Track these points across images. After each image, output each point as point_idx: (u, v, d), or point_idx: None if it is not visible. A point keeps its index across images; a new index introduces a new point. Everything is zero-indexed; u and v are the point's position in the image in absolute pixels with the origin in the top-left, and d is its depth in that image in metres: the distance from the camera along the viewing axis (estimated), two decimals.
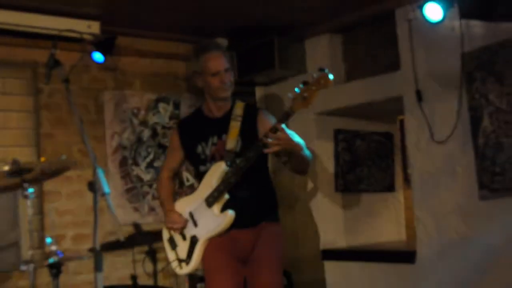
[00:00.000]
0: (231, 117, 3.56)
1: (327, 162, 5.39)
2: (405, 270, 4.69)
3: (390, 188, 5.82)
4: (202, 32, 5.29)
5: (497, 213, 4.13)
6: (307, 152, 3.41)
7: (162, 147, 5.33)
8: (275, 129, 3.20)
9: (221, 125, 3.56)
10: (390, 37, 4.87)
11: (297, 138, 3.29)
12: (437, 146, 4.46)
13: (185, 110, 5.48)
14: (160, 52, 5.40)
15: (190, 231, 3.59)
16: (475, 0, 3.82)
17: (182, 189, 5.39)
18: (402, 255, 4.80)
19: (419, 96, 4.54)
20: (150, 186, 5.25)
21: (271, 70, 5.26)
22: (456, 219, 4.36)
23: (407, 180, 6.10)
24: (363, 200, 5.63)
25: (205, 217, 3.51)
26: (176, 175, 3.96)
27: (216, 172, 3.48)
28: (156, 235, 5.16)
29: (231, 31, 5.32)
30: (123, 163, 5.14)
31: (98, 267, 2.72)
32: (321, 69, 3.19)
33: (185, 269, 3.61)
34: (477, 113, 4.18)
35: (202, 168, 3.58)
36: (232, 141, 3.50)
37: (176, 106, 5.47)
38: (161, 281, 5.16)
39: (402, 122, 6.05)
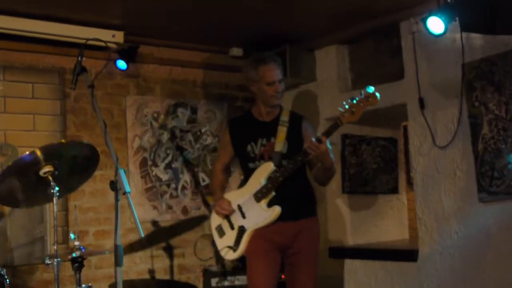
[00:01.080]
0: (279, 122, 3.85)
1: (335, 165, 5.36)
2: (408, 268, 4.67)
3: (394, 190, 5.79)
4: (218, 42, 5.32)
5: (495, 215, 4.12)
6: (333, 169, 3.71)
7: (180, 149, 5.35)
8: (319, 140, 3.49)
9: (270, 129, 3.85)
10: (395, 48, 4.87)
11: (331, 155, 3.58)
12: (438, 151, 4.45)
13: (202, 115, 5.50)
14: (179, 60, 5.42)
15: (238, 221, 3.84)
16: (476, 14, 3.81)
17: (197, 189, 5.40)
18: (405, 254, 4.77)
19: (422, 103, 4.54)
20: (168, 185, 5.26)
21: (284, 78, 5.26)
22: (456, 220, 4.35)
23: (410, 182, 6.07)
24: (368, 202, 5.61)
25: (253, 210, 3.77)
26: (228, 168, 4.23)
27: (265, 171, 3.75)
28: (173, 232, 5.22)
29: (245, 41, 5.33)
30: (143, 164, 5.16)
31: (118, 262, 2.74)
32: (369, 88, 3.46)
33: (233, 255, 3.87)
34: (477, 120, 4.17)
35: (251, 165, 3.86)
36: (280, 143, 3.79)
37: (194, 111, 5.48)
38: (177, 276, 5.18)
39: (405, 128, 6.04)
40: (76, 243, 3.62)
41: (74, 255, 3.55)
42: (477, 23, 3.85)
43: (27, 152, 3.29)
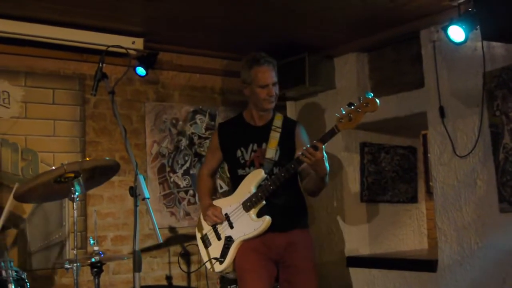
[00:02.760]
0: (271, 127, 3.61)
1: (353, 174, 5.36)
2: (427, 278, 4.64)
3: (413, 199, 5.76)
4: (237, 49, 5.33)
5: None
6: (326, 179, 3.45)
7: (198, 156, 5.37)
8: (315, 147, 3.24)
9: (261, 134, 3.61)
10: (415, 56, 4.86)
11: (326, 163, 3.32)
12: (459, 160, 4.42)
13: (220, 121, 5.50)
14: (198, 67, 5.45)
15: (225, 231, 3.61)
16: (497, 23, 3.80)
17: (215, 196, 5.41)
18: (424, 264, 4.74)
19: (442, 112, 4.52)
20: (186, 192, 5.28)
21: (302, 86, 5.27)
22: (476, 230, 4.31)
23: (429, 192, 6.04)
24: (386, 211, 5.58)
25: (241, 220, 3.54)
26: (215, 174, 3.99)
27: (255, 178, 3.52)
28: (191, 239, 5.23)
29: (264, 48, 5.30)
30: (161, 170, 5.18)
31: (137, 268, 2.74)
32: (368, 93, 3.24)
33: (218, 268, 3.63)
34: (498, 129, 4.14)
35: (240, 171, 3.63)
36: (271, 150, 3.55)
37: (212, 117, 5.50)
38: (194, 283, 5.19)
39: (424, 136, 6.02)
40: (95, 248, 3.64)
41: (93, 260, 3.58)
42: (498, 32, 3.84)
43: (54, 167, 3.35)
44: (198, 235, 3.80)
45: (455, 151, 4.44)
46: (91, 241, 3.71)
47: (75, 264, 3.35)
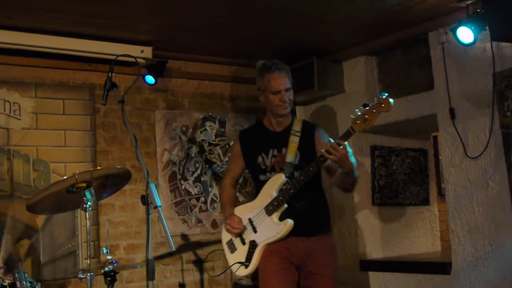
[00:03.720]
0: (290, 132, 3.65)
1: (365, 177, 5.35)
2: (441, 280, 4.61)
3: (425, 201, 5.74)
4: (245, 55, 5.35)
5: None
6: (355, 173, 3.46)
7: (209, 163, 5.37)
8: (338, 144, 3.28)
9: (281, 139, 3.66)
10: (424, 58, 4.85)
11: (352, 158, 3.35)
12: (470, 161, 4.40)
13: (230, 128, 5.53)
14: (207, 74, 5.46)
15: (249, 236, 3.68)
16: (505, 23, 3.78)
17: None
18: (438, 266, 4.71)
19: (452, 114, 4.50)
20: (198, 199, 5.29)
21: (311, 90, 5.27)
22: (489, 231, 4.29)
23: (441, 194, 6.02)
24: (399, 213, 5.57)
25: (264, 224, 3.60)
26: (237, 182, 4.06)
27: (276, 183, 3.57)
28: (203, 246, 5.23)
29: (272, 54, 5.32)
30: (172, 177, 5.19)
31: (150, 276, 2.75)
32: (382, 94, 3.26)
33: (244, 272, 3.69)
34: (509, 130, 4.12)
35: (262, 177, 3.68)
36: (291, 154, 3.59)
37: (222, 124, 5.51)
38: None
39: (435, 138, 6.00)
40: (108, 257, 3.65)
41: (106, 269, 3.58)
42: (507, 32, 3.83)
43: (66, 176, 3.37)
44: (224, 241, 3.84)
45: (466, 152, 4.42)
46: (104, 250, 3.71)
47: (88, 274, 3.35)
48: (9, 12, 4.00)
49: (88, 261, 3.39)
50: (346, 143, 3.30)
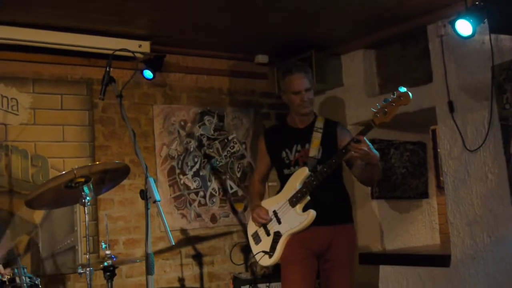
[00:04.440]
0: (313, 129, 3.83)
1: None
2: (440, 273, 4.62)
3: (424, 194, 5.74)
4: (243, 49, 5.34)
5: None
6: (379, 165, 3.63)
7: (208, 157, 5.36)
8: (357, 140, 3.44)
9: (304, 136, 3.84)
10: (422, 52, 4.84)
11: (374, 150, 3.51)
12: (469, 154, 4.40)
13: (228, 122, 5.52)
14: (205, 69, 5.45)
15: (274, 227, 3.82)
16: (504, 15, 3.78)
17: (226, 196, 5.41)
18: (437, 259, 4.72)
19: (451, 107, 4.50)
20: (197, 193, 5.28)
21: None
22: (488, 223, 4.30)
23: (440, 187, 6.02)
24: (398, 207, 5.56)
25: (288, 215, 3.75)
26: (266, 178, 4.20)
27: (300, 176, 3.73)
28: (202, 240, 5.24)
29: (271, 48, 5.35)
30: (171, 172, 5.18)
31: (149, 271, 2.74)
32: (401, 88, 3.41)
33: (268, 261, 3.84)
34: (508, 122, 4.12)
35: (286, 171, 3.86)
36: (314, 149, 3.77)
37: (220, 118, 5.50)
38: (206, 284, 5.19)
39: (434, 131, 5.99)
40: (108, 252, 3.65)
41: (105, 264, 3.58)
42: (506, 24, 3.82)
43: (64, 172, 3.37)
44: (249, 233, 3.98)
45: (465, 145, 4.42)
46: (103, 245, 3.72)
47: (88, 269, 3.35)
48: (6, 7, 3.98)
49: (87, 256, 3.39)
50: (365, 138, 3.45)
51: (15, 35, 4.29)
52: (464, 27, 3.98)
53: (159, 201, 2.78)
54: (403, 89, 3.40)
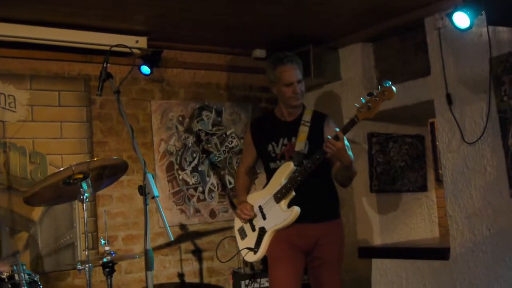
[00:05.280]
0: (300, 122, 3.75)
1: (362, 164, 5.34)
2: (439, 266, 4.63)
3: (423, 188, 5.75)
4: (241, 44, 5.33)
5: None
6: (353, 168, 3.54)
7: (206, 152, 5.36)
8: (336, 137, 3.37)
9: (291, 129, 3.75)
10: (420, 44, 4.83)
11: (350, 152, 3.42)
12: (468, 147, 4.40)
13: (227, 117, 5.51)
14: (202, 64, 5.44)
15: (259, 223, 3.77)
16: (502, 7, 3.77)
17: (225, 192, 5.41)
18: (436, 252, 4.72)
19: (449, 99, 4.49)
20: (195, 189, 5.28)
21: (307, 78, 5.22)
22: (487, 216, 4.30)
23: (438, 180, 6.02)
24: (396, 200, 5.57)
25: (273, 211, 3.68)
26: (252, 170, 4.14)
27: (286, 170, 3.66)
28: (202, 235, 5.24)
29: (268, 42, 5.34)
30: (169, 168, 5.18)
31: (149, 266, 2.74)
32: (385, 82, 3.35)
33: (253, 257, 3.79)
34: (506, 114, 4.11)
35: (272, 165, 3.79)
36: (300, 143, 3.68)
37: (218, 113, 5.49)
38: (206, 279, 5.19)
39: (432, 124, 5.99)
40: (107, 248, 3.65)
41: (105, 260, 3.58)
42: (503, 17, 3.82)
43: (62, 168, 3.37)
44: (236, 228, 3.94)
45: (463, 138, 4.42)
46: (102, 241, 3.72)
47: (87, 265, 3.35)
48: (3, 3, 3.97)
49: (86, 253, 3.39)
50: (344, 137, 3.38)
51: (12, 31, 4.28)
52: (461, 19, 3.98)
53: (157, 196, 2.78)
54: (387, 84, 3.34)
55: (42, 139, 4.60)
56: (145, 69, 4.88)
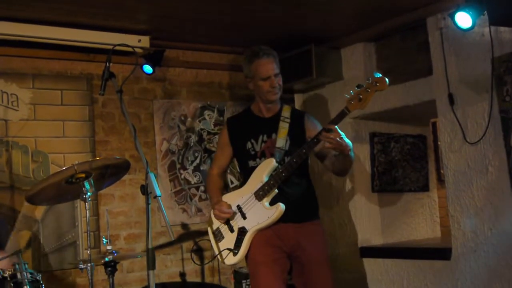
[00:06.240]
0: (280, 118, 3.64)
1: (364, 164, 5.35)
2: (441, 266, 4.62)
3: (425, 187, 5.75)
4: (243, 43, 5.31)
5: None
6: (352, 154, 3.46)
7: (208, 152, 5.36)
8: (328, 129, 3.28)
9: (270, 125, 3.64)
10: (422, 44, 4.83)
11: (347, 140, 3.34)
12: (469, 147, 4.40)
13: (228, 116, 5.50)
14: (205, 63, 5.44)
15: (238, 223, 3.62)
16: (504, 7, 3.77)
17: (226, 191, 5.41)
18: (438, 252, 4.72)
19: (451, 99, 4.49)
20: (197, 188, 5.28)
21: (309, 77, 5.25)
22: (489, 216, 4.29)
23: (440, 180, 6.03)
24: (398, 200, 5.57)
25: (254, 209, 3.55)
26: (225, 172, 4.03)
27: (267, 167, 3.54)
28: (203, 235, 5.23)
29: (270, 41, 5.28)
30: (171, 167, 5.19)
31: (151, 266, 2.75)
32: (376, 73, 3.31)
33: (232, 260, 3.63)
34: (508, 115, 4.11)
35: (251, 163, 3.65)
36: (281, 140, 3.57)
37: (221, 113, 5.50)
38: (208, 278, 5.19)
39: (434, 124, 5.99)
40: (109, 247, 3.65)
41: (107, 259, 3.58)
42: (506, 17, 3.81)
43: (65, 167, 3.36)
44: (210, 230, 3.80)
45: (465, 138, 4.42)
46: (104, 240, 3.72)
47: (89, 264, 3.35)
48: (6, 2, 3.97)
49: (88, 252, 3.39)
50: (336, 126, 3.29)
51: (14, 30, 4.28)
52: (463, 19, 3.97)
53: (159, 196, 2.78)
54: (378, 75, 3.30)
55: (45, 138, 4.60)
56: (148, 68, 4.89)
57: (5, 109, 4.47)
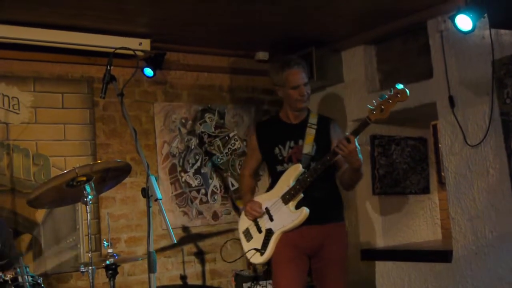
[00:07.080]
0: (307, 124, 3.78)
1: (364, 167, 5.25)
2: (442, 269, 4.62)
3: (425, 190, 5.74)
4: (244, 46, 5.33)
5: None
6: (361, 170, 3.58)
7: (209, 154, 5.36)
8: (348, 139, 3.40)
9: (297, 131, 3.78)
10: (422, 47, 4.83)
11: (360, 155, 3.46)
12: (470, 149, 4.40)
13: (229, 119, 5.52)
14: (205, 66, 5.45)
15: (266, 224, 3.76)
16: (504, 10, 3.77)
17: (227, 194, 5.41)
18: (439, 255, 4.72)
19: (452, 102, 4.49)
20: (198, 191, 5.28)
21: (310, 80, 5.22)
22: (490, 218, 4.29)
23: (441, 182, 6.02)
24: (399, 202, 5.56)
25: (281, 212, 3.69)
26: (256, 173, 4.15)
27: (294, 173, 3.67)
28: (204, 237, 5.24)
29: (271, 44, 5.34)
30: (172, 170, 5.19)
31: (152, 268, 2.74)
32: (398, 85, 3.39)
33: (259, 259, 3.77)
34: (509, 117, 4.11)
35: (279, 168, 3.78)
36: (308, 146, 3.71)
37: (221, 115, 5.50)
38: (209, 281, 5.19)
39: (435, 127, 5.99)
40: (109, 250, 3.65)
41: (108, 262, 3.58)
42: (506, 19, 3.82)
43: (66, 170, 3.37)
44: (240, 230, 3.92)
45: (466, 140, 4.42)
46: (105, 243, 3.71)
47: (90, 267, 3.35)
48: (7, 6, 3.98)
49: (89, 255, 3.40)
50: (356, 139, 3.41)
51: (15, 34, 4.29)
52: (464, 22, 3.98)
53: (160, 199, 2.78)
54: (400, 86, 3.38)
55: (46, 141, 4.61)
56: (148, 71, 4.90)
57: (6, 113, 4.47)
